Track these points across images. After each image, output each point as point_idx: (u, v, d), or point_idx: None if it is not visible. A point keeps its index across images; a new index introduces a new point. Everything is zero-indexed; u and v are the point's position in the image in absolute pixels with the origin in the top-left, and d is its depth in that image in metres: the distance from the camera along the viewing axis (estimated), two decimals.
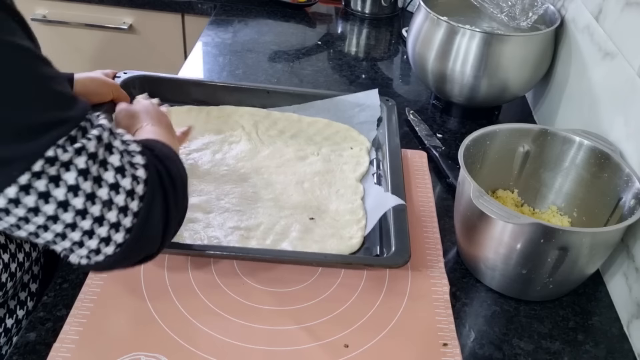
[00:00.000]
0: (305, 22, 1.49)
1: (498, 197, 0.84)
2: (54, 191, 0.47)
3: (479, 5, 1.06)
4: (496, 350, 0.68)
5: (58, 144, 0.46)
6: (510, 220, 0.64)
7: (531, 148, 0.82)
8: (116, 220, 0.51)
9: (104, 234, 0.51)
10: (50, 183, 0.47)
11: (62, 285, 0.71)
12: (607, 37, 0.86)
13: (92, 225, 0.50)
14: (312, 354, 0.65)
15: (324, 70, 1.27)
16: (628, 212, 0.70)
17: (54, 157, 0.46)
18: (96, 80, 0.90)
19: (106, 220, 0.50)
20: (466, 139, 0.77)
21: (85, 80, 0.87)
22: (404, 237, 0.73)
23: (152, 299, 0.69)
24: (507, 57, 1.00)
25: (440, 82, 1.06)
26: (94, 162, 0.49)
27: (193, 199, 0.81)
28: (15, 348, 0.64)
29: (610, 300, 0.76)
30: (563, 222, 0.81)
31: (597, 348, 0.69)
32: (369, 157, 0.93)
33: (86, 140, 0.49)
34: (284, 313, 0.69)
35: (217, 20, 1.46)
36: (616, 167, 0.74)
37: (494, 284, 0.75)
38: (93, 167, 0.49)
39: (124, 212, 0.51)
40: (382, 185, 0.85)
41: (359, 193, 0.85)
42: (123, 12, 1.60)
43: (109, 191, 0.50)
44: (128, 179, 0.52)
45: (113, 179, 0.50)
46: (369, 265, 0.73)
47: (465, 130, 1.07)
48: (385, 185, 0.84)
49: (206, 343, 0.65)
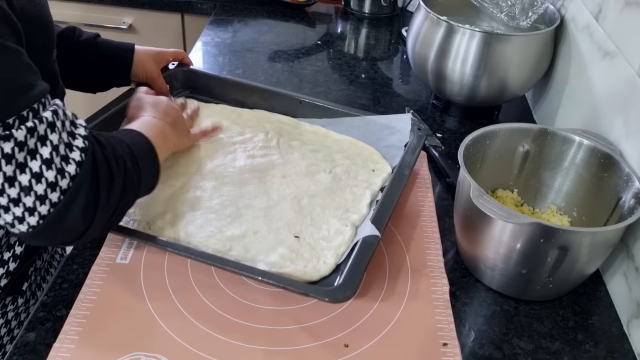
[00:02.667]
0: (305, 22, 1.49)
1: (498, 196, 0.84)
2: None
3: (479, 5, 1.06)
4: (496, 350, 0.68)
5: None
6: (510, 220, 0.64)
7: (531, 148, 0.82)
8: (32, 205, 0.56)
9: (19, 214, 0.57)
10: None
11: (62, 285, 0.71)
12: (606, 36, 0.86)
13: (8, 204, 0.56)
14: (312, 354, 0.65)
15: (324, 70, 1.27)
16: (628, 212, 0.70)
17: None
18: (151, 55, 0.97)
19: (22, 203, 0.56)
20: (466, 139, 0.77)
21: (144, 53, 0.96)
22: (356, 272, 0.66)
23: (152, 299, 0.69)
24: (506, 56, 1.00)
25: (440, 81, 1.06)
26: (20, 150, 0.54)
27: (188, 193, 0.81)
28: (15, 348, 0.64)
29: (610, 299, 0.76)
30: (563, 221, 0.81)
31: (597, 348, 0.69)
32: (383, 183, 0.85)
33: (17, 130, 0.54)
34: (283, 313, 0.69)
35: (216, 20, 1.46)
36: (616, 167, 0.74)
37: (493, 283, 0.75)
38: (19, 154, 0.54)
39: (41, 200, 0.56)
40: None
41: (357, 220, 0.79)
42: (123, 11, 1.60)
43: (30, 178, 0.56)
44: (53, 172, 0.56)
45: (38, 168, 0.56)
46: (304, 294, 0.65)
47: (465, 130, 1.07)
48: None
49: (206, 343, 0.65)
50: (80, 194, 0.58)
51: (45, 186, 0.56)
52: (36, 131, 0.55)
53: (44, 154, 0.56)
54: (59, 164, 0.57)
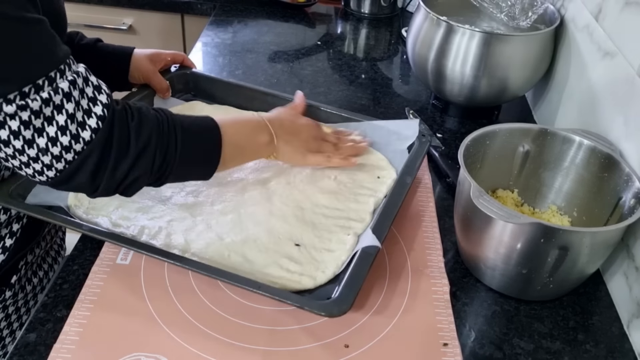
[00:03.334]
0: (305, 23, 1.49)
1: (498, 196, 0.84)
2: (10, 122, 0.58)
3: (479, 5, 1.06)
4: (496, 350, 0.68)
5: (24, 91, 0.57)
6: (510, 220, 0.64)
7: (531, 148, 0.82)
8: (49, 163, 0.61)
9: (38, 169, 0.62)
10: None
11: (62, 285, 0.71)
12: (606, 36, 0.86)
13: (28, 161, 0.61)
14: (312, 354, 0.65)
15: (324, 70, 1.27)
16: (628, 212, 0.70)
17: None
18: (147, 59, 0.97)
19: (40, 161, 0.61)
20: (466, 139, 0.77)
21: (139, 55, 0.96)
22: (354, 285, 0.65)
23: (152, 299, 0.69)
24: (506, 56, 1.00)
25: (440, 82, 1.06)
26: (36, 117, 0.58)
27: (189, 197, 0.81)
28: (15, 349, 0.64)
29: (611, 299, 0.76)
30: (563, 221, 0.81)
31: (597, 347, 0.69)
32: (387, 190, 0.83)
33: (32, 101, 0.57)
34: (284, 313, 0.69)
35: (216, 20, 1.46)
36: (616, 167, 0.74)
37: (494, 283, 0.75)
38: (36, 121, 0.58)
39: (57, 159, 0.61)
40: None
41: (360, 228, 0.77)
42: (123, 12, 1.60)
43: (47, 142, 0.60)
44: (67, 137, 0.60)
45: (54, 134, 0.60)
46: (299, 307, 0.64)
47: (465, 130, 1.07)
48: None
49: (206, 343, 0.65)
50: (90, 159, 0.62)
51: (60, 149, 0.61)
52: (52, 101, 0.59)
53: (60, 121, 0.60)
54: (74, 130, 0.61)
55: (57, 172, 0.62)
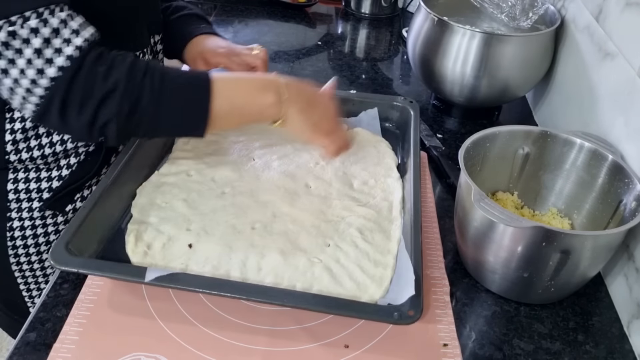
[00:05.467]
0: (306, 23, 1.49)
1: (498, 199, 0.84)
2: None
3: (479, 5, 1.06)
4: (496, 351, 0.68)
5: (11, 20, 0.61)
6: (512, 223, 0.63)
7: (531, 150, 0.82)
8: (25, 95, 0.65)
9: (20, 100, 0.66)
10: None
11: (62, 285, 0.71)
12: (607, 37, 0.86)
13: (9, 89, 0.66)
14: (312, 354, 0.65)
15: (324, 70, 1.27)
16: (629, 214, 0.70)
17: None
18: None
19: (16, 93, 0.66)
20: (466, 141, 0.77)
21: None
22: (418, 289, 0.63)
23: (152, 299, 0.69)
24: (507, 57, 1.00)
25: (440, 82, 1.06)
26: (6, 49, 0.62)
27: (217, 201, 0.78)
28: (15, 348, 0.64)
29: (611, 300, 0.76)
30: (563, 224, 0.81)
31: (597, 348, 0.69)
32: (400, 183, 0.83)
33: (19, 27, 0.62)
34: (284, 313, 0.69)
35: (217, 20, 1.45)
36: (617, 169, 0.74)
37: (494, 287, 0.75)
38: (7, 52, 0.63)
39: (29, 92, 0.65)
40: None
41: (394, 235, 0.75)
42: None
43: (19, 73, 0.64)
44: (33, 71, 0.64)
45: (23, 65, 0.64)
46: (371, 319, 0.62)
47: (465, 131, 1.07)
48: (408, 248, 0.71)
49: (206, 343, 0.65)
50: (57, 95, 0.65)
51: (29, 82, 0.64)
52: (17, 34, 0.62)
53: (27, 54, 0.63)
54: (40, 65, 0.64)
55: (35, 106, 0.66)
